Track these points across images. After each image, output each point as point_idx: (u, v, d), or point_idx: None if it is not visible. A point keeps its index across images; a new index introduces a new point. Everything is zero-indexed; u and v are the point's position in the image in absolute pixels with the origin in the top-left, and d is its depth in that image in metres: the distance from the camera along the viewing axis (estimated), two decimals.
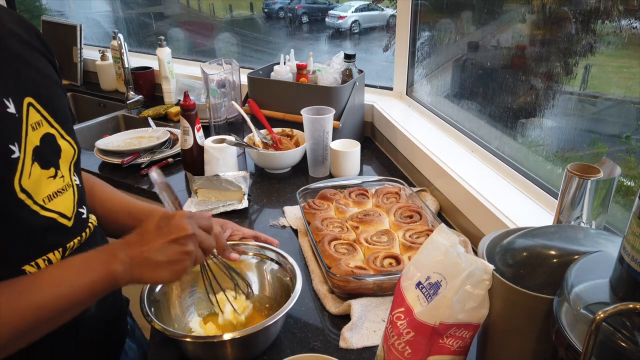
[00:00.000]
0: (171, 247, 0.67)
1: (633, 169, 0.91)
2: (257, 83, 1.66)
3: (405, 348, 0.66)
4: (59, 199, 0.72)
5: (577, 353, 0.46)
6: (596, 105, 1.04)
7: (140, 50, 2.69)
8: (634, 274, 0.46)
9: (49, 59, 0.79)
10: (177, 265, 0.68)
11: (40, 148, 0.69)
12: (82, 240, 0.77)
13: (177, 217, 0.69)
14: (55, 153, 0.73)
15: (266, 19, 3.26)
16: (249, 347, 0.81)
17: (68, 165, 0.76)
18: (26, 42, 0.74)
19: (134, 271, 0.66)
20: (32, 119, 0.69)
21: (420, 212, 1.14)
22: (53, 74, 0.78)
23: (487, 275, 0.61)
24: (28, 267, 0.68)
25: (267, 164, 1.51)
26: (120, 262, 0.66)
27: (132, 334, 1.01)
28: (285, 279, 0.92)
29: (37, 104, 0.70)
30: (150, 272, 0.67)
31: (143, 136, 1.75)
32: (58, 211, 0.72)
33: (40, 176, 0.69)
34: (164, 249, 0.67)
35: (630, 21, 0.86)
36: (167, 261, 0.67)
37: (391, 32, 1.81)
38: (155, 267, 0.67)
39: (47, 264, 0.70)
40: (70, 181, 0.76)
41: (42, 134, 0.71)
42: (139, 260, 0.66)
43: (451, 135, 1.43)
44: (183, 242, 0.68)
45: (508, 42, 1.26)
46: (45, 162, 0.70)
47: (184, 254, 0.68)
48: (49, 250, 0.71)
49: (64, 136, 0.76)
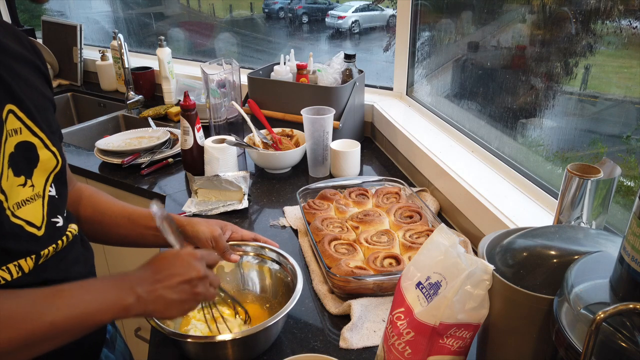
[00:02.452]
0: (184, 287, 0.71)
1: (633, 169, 0.91)
2: (257, 83, 1.66)
3: (406, 348, 0.66)
4: (27, 207, 0.72)
5: (577, 353, 0.46)
6: (596, 105, 1.04)
7: (140, 50, 2.69)
8: (634, 274, 0.46)
9: (42, 72, 0.82)
10: (186, 305, 0.73)
11: (14, 154, 0.70)
12: (57, 248, 0.76)
13: (190, 258, 0.74)
14: (30, 162, 0.73)
15: (266, 19, 3.26)
16: (249, 347, 0.81)
17: (46, 175, 0.76)
18: (18, 55, 0.76)
19: (147, 307, 0.69)
20: (10, 126, 0.69)
21: (420, 212, 1.14)
22: (43, 86, 0.81)
23: (487, 276, 0.61)
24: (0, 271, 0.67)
25: (267, 164, 1.51)
26: (136, 296, 0.68)
27: (112, 345, 0.94)
28: (286, 279, 0.92)
29: (19, 111, 0.71)
30: (162, 309, 0.71)
31: (143, 136, 1.75)
32: (26, 219, 0.71)
33: (12, 182, 0.69)
34: (177, 288, 0.71)
35: (630, 21, 0.86)
36: (178, 300, 0.71)
37: (391, 32, 1.81)
38: (167, 305, 0.70)
39: (19, 270, 0.69)
40: (41, 191, 0.75)
41: (18, 142, 0.71)
42: (153, 297, 0.69)
43: (451, 135, 1.43)
44: (195, 284, 0.72)
45: (508, 42, 1.26)
46: (17, 169, 0.70)
47: (194, 295, 0.72)
48: (22, 256, 0.70)
49: (48, 146, 0.76)
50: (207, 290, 0.74)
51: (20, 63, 0.76)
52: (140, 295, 0.68)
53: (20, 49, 0.78)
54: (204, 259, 0.76)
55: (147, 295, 0.69)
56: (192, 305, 0.74)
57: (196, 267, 0.73)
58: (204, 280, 0.73)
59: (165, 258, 0.74)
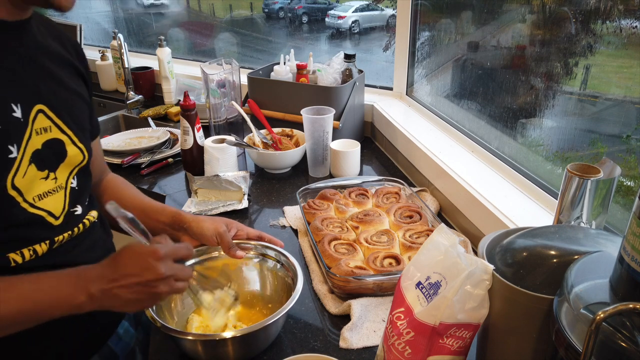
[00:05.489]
0: (140, 288, 0.70)
1: (633, 169, 0.91)
2: (257, 83, 1.66)
3: (405, 348, 0.66)
4: (49, 198, 0.77)
5: (577, 353, 0.46)
6: (596, 105, 1.04)
7: (140, 50, 2.69)
8: (634, 274, 0.46)
9: (80, 74, 0.88)
10: (146, 303, 0.73)
11: (40, 151, 0.75)
12: (73, 234, 0.81)
13: (151, 258, 0.70)
14: (58, 157, 0.79)
15: (266, 19, 3.26)
16: (249, 345, 0.81)
17: (70, 169, 0.81)
18: (55, 55, 0.82)
19: (103, 303, 0.70)
20: (39, 125, 0.75)
21: (420, 212, 1.14)
22: (80, 87, 0.87)
23: (487, 275, 0.61)
24: (13, 254, 0.72)
25: (267, 164, 1.51)
26: (88, 295, 0.68)
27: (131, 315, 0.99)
28: (286, 279, 0.92)
29: (49, 111, 0.77)
30: (120, 306, 0.71)
31: (143, 136, 1.76)
32: (47, 209, 0.76)
33: (34, 176, 0.74)
34: (135, 287, 0.69)
35: (630, 21, 0.86)
36: (135, 299, 0.70)
37: (391, 32, 1.81)
38: (125, 303, 0.70)
39: (33, 253, 0.74)
40: (63, 183, 0.80)
41: (47, 139, 0.76)
42: (109, 295, 0.69)
43: (451, 135, 1.43)
44: (153, 285, 0.70)
45: (508, 42, 1.26)
46: (42, 164, 0.75)
47: (154, 295, 0.71)
48: (36, 242, 0.75)
49: (75, 143, 0.82)
50: (172, 287, 0.72)
51: (55, 62, 0.81)
52: (93, 294, 0.68)
53: (59, 49, 0.83)
54: (170, 256, 0.73)
55: (100, 294, 0.69)
56: (154, 302, 0.74)
57: (154, 268, 0.70)
58: (166, 280, 0.71)
59: (125, 256, 0.72)
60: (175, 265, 0.73)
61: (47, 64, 0.79)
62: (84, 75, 0.89)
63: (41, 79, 0.77)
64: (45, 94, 0.76)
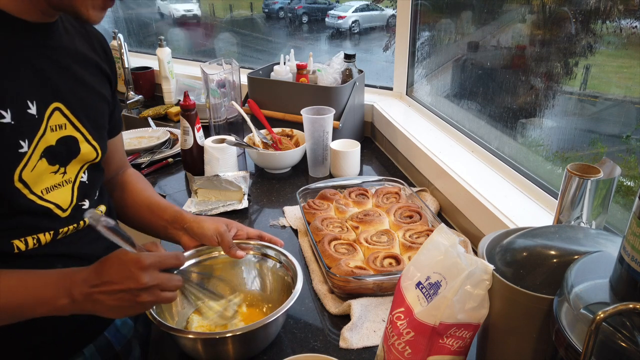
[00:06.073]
0: (122, 295, 0.69)
1: (633, 169, 0.91)
2: (257, 83, 1.66)
3: (405, 348, 0.66)
4: (57, 191, 0.79)
5: (577, 353, 0.46)
6: (596, 105, 1.04)
7: (140, 50, 2.69)
8: (634, 274, 0.46)
9: (104, 72, 0.89)
10: (130, 310, 0.72)
11: (54, 147, 0.77)
12: (78, 227, 0.83)
13: (134, 267, 0.69)
14: (71, 154, 0.81)
15: (266, 19, 3.26)
16: (249, 344, 0.81)
17: (81, 164, 0.84)
18: (80, 56, 0.84)
19: (84, 307, 0.70)
20: (54, 122, 0.77)
21: (420, 212, 1.14)
22: (102, 86, 0.88)
23: (487, 275, 0.61)
24: (17, 241, 0.74)
25: (267, 164, 1.51)
26: (70, 298, 0.69)
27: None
28: (286, 278, 0.92)
29: (65, 109, 0.79)
30: (102, 312, 0.71)
31: (143, 136, 1.75)
32: (55, 202, 0.79)
33: (45, 170, 0.76)
34: (116, 295, 0.69)
35: (630, 21, 0.86)
36: (118, 306, 0.70)
37: (391, 32, 1.81)
38: (107, 310, 0.71)
39: (36, 242, 0.76)
40: (72, 177, 0.82)
41: (62, 136, 0.78)
42: (91, 300, 0.69)
43: (451, 135, 1.43)
44: (136, 294, 0.69)
45: (508, 42, 1.26)
46: (54, 159, 0.77)
47: (137, 303, 0.70)
48: (40, 231, 0.77)
49: (89, 141, 0.84)
50: (157, 297, 0.71)
51: (79, 63, 0.83)
52: (75, 297, 0.69)
53: (85, 49, 0.85)
54: (155, 266, 0.71)
55: (83, 298, 0.69)
56: (139, 311, 0.72)
57: (137, 277, 0.69)
58: (150, 290, 0.70)
59: (110, 263, 0.71)
60: (161, 275, 0.72)
61: (70, 63, 0.81)
62: (108, 75, 0.91)
63: (62, 78, 0.79)
64: (64, 92, 0.78)
